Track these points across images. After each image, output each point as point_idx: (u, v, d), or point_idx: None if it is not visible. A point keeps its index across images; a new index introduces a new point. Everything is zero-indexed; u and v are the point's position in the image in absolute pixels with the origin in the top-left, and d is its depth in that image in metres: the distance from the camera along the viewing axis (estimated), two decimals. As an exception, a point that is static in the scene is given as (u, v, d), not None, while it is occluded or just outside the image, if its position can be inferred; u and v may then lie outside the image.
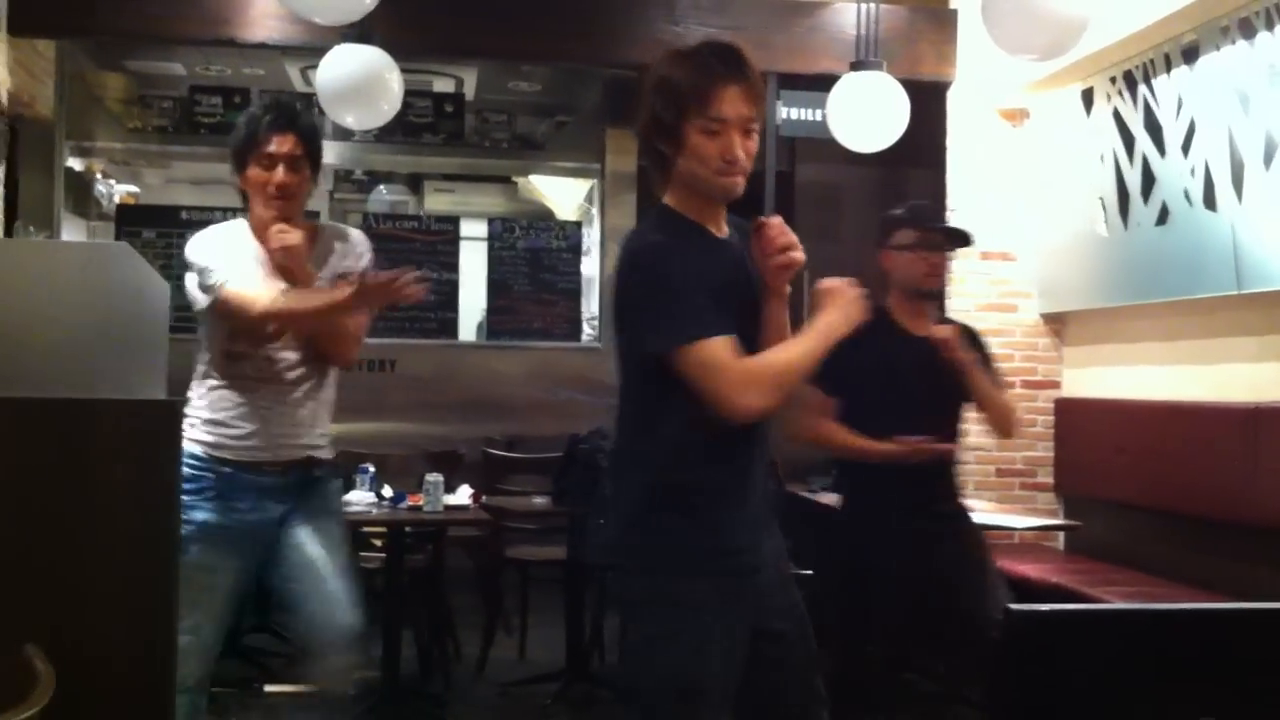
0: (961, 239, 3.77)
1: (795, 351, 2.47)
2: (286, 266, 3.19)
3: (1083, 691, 1.51)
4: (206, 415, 3.18)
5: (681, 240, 2.48)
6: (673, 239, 2.48)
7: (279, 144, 3.18)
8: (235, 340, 3.20)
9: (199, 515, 3.13)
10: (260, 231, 3.25)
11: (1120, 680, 1.51)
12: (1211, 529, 4.64)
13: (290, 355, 3.20)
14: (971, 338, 3.70)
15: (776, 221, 2.57)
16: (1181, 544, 4.87)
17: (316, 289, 3.21)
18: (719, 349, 2.36)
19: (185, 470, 3.04)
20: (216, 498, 3.15)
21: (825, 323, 2.49)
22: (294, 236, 3.17)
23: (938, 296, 3.80)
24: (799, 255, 2.56)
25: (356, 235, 3.46)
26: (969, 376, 3.60)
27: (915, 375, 3.59)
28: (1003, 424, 3.71)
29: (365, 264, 3.33)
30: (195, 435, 3.17)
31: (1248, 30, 4.60)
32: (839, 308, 2.53)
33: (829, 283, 2.56)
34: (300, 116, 3.27)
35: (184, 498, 2.97)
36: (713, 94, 2.42)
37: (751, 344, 2.46)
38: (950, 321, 3.75)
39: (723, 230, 2.57)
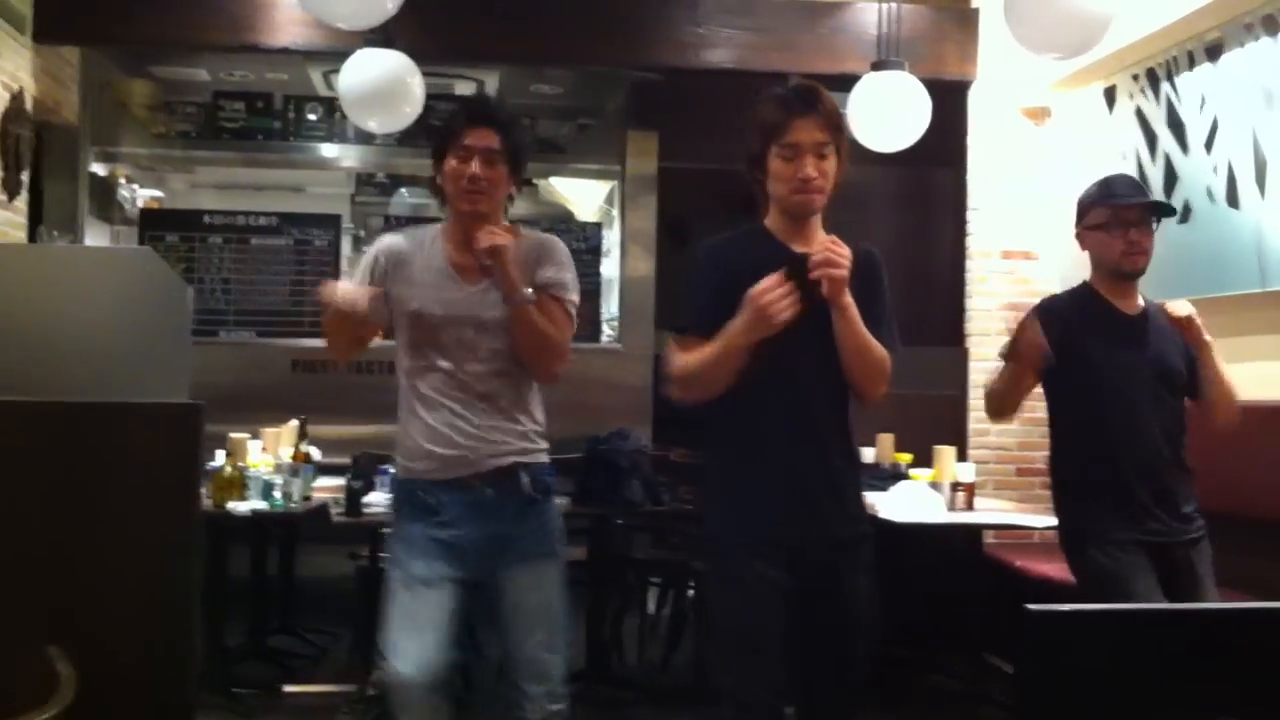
0: (1162, 210, 3.60)
1: (702, 355, 2.79)
2: (491, 269, 3.04)
3: (1105, 691, 1.51)
4: (403, 433, 3.16)
5: (738, 244, 2.96)
6: (726, 242, 2.98)
7: (476, 137, 3.09)
8: (416, 353, 3.12)
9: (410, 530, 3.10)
10: (454, 234, 3.16)
11: (1142, 680, 1.51)
12: (1236, 527, 4.60)
13: (479, 368, 3.06)
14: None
15: (816, 254, 2.78)
16: (1213, 544, 4.84)
17: (519, 295, 3.02)
18: (682, 341, 2.85)
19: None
20: (425, 512, 3.08)
21: (731, 331, 2.73)
22: (503, 238, 3.02)
23: (1137, 275, 3.60)
24: (833, 272, 2.76)
25: (557, 244, 3.24)
26: (1204, 356, 3.53)
27: (1136, 355, 3.53)
28: (1227, 409, 3.56)
29: (567, 276, 3.17)
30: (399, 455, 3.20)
31: (1271, 27, 4.57)
32: (745, 317, 2.71)
33: (759, 286, 2.71)
34: (500, 112, 3.23)
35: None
36: (788, 124, 2.83)
37: (809, 352, 2.80)
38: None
39: (810, 246, 2.84)
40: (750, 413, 2.84)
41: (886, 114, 5.51)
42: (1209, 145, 4.93)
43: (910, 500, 4.86)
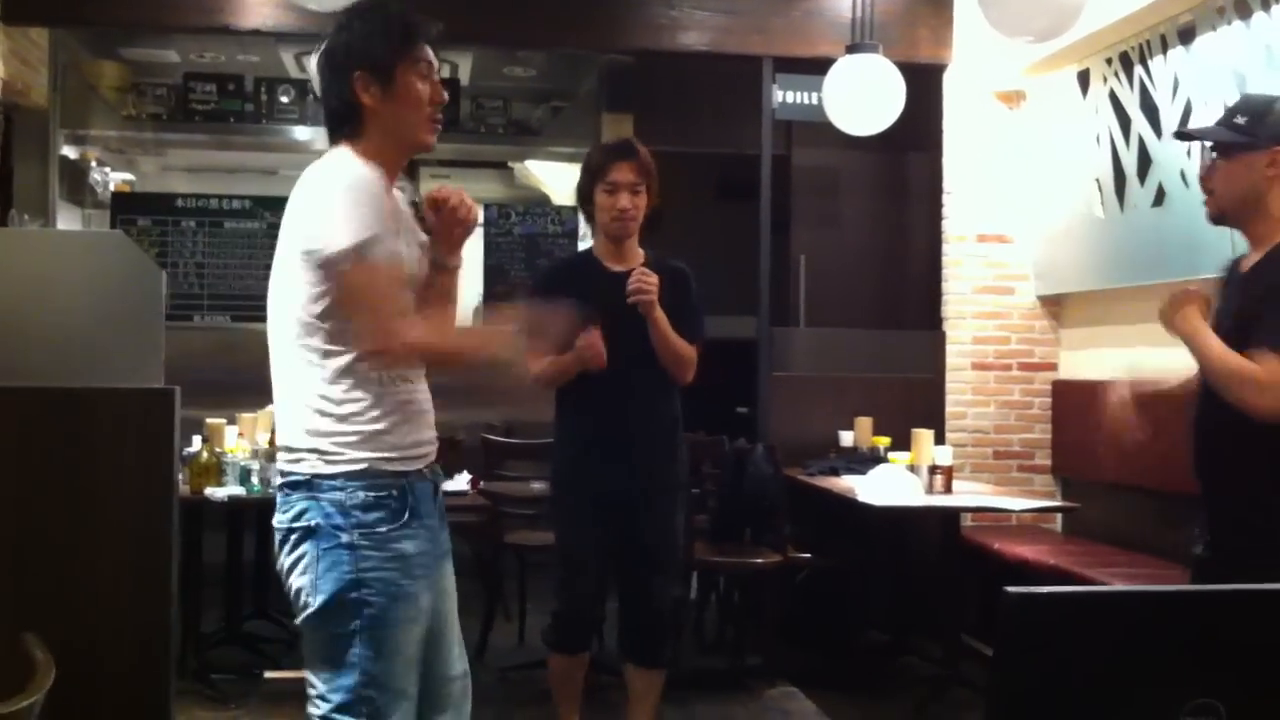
0: (1220, 143, 2.93)
1: (544, 367, 3.64)
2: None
3: (1081, 674, 1.51)
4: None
5: (568, 269, 4.23)
6: (558, 267, 4.51)
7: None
8: None
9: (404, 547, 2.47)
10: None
11: (1119, 662, 1.51)
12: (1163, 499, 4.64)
13: None
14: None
15: (630, 282, 3.75)
16: (1181, 525, 4.87)
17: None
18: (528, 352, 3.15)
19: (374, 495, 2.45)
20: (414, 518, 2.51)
21: (565, 360, 3.41)
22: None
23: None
24: (642, 296, 3.72)
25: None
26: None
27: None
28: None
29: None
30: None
31: (1244, 10, 4.59)
32: (576, 355, 3.38)
33: (587, 340, 3.65)
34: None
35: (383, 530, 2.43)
36: (609, 167, 3.80)
37: (631, 346, 3.70)
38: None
39: (626, 263, 3.85)
40: (587, 388, 3.78)
41: (861, 97, 5.52)
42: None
43: (888, 484, 4.88)
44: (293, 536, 2.44)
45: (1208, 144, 2.95)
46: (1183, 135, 3.35)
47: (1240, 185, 2.80)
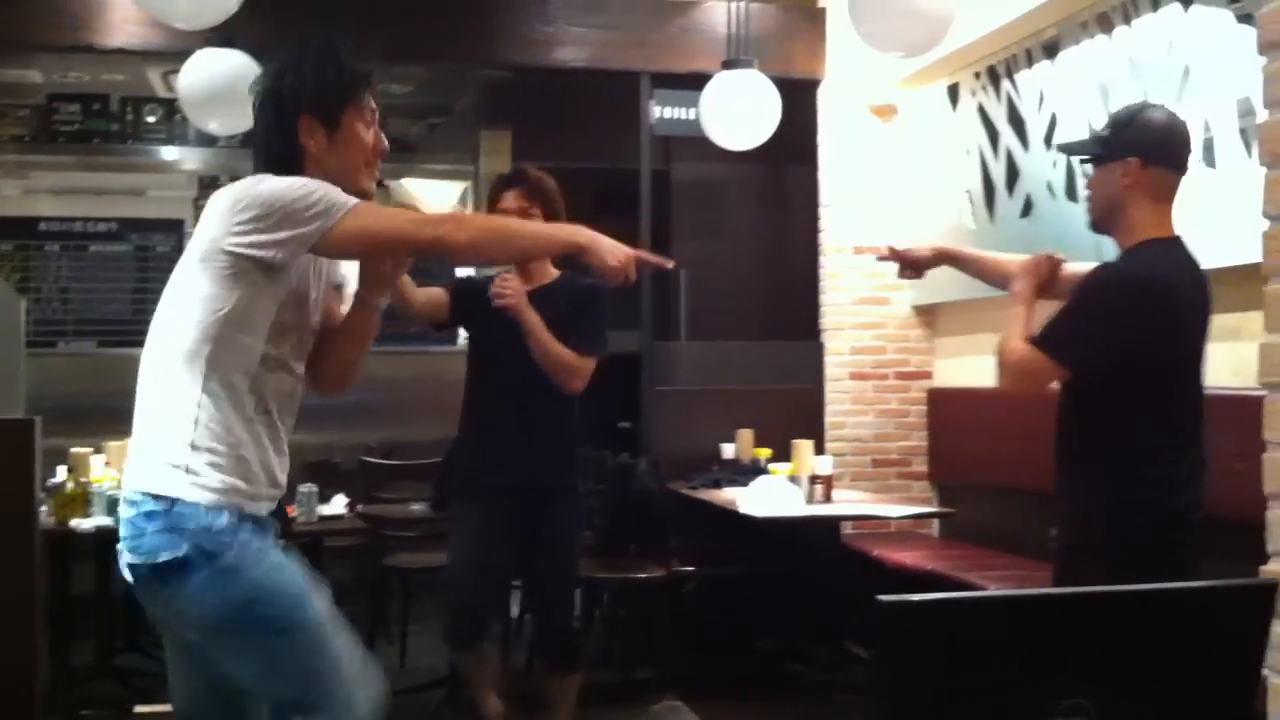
0: (1084, 154, 3.19)
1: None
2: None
3: (957, 678, 1.52)
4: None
5: (479, 282, 4.18)
6: (474, 280, 4.38)
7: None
8: None
9: None
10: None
11: (992, 666, 1.53)
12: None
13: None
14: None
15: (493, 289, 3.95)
16: (1052, 525, 4.97)
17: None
18: None
19: None
20: None
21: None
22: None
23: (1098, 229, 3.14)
24: (501, 301, 3.89)
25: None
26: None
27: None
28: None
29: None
30: None
31: (1106, 25, 4.71)
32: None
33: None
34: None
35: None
36: (500, 195, 4.03)
37: (515, 354, 3.89)
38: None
39: (534, 283, 4.03)
40: (477, 395, 4.10)
41: (737, 112, 5.56)
42: (1048, 140, 5.07)
43: (770, 495, 4.90)
44: None
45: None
46: (1063, 148, 3.46)
47: (1104, 194, 2.91)
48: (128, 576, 2.39)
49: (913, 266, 3.36)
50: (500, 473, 4.00)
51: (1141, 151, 2.82)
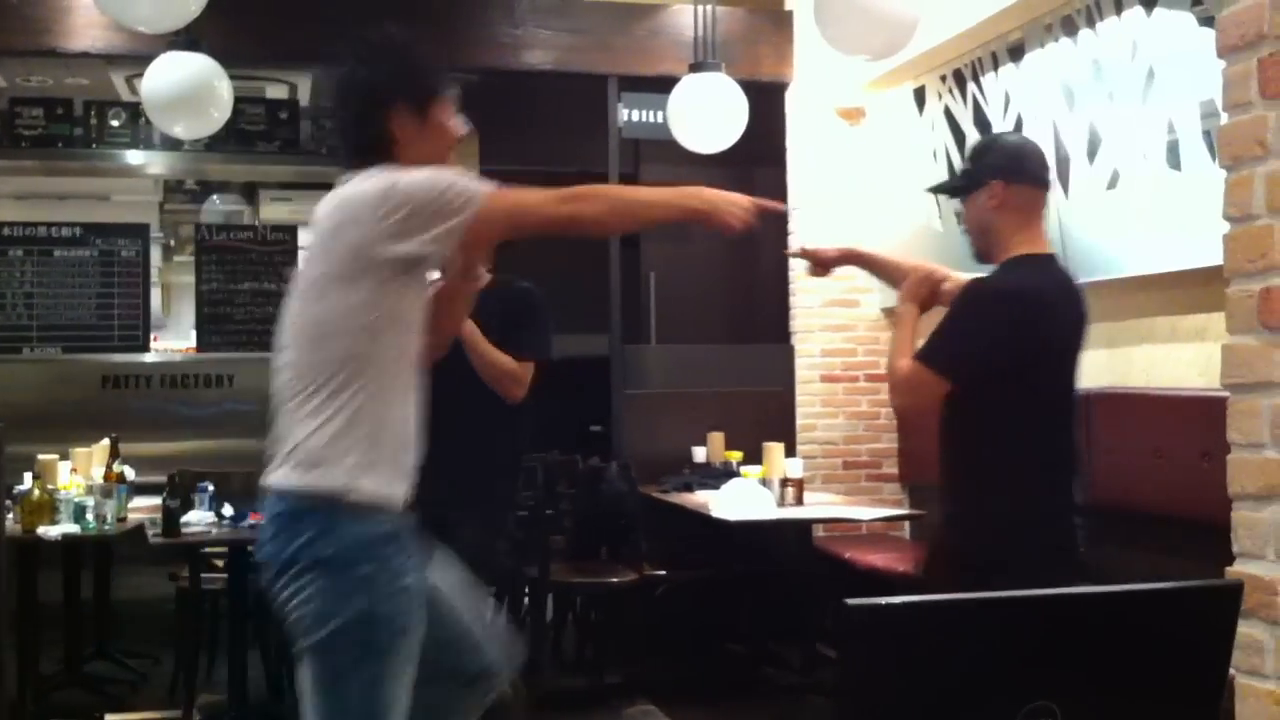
0: (949, 189, 3.36)
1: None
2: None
3: (923, 681, 1.53)
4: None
5: None
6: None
7: None
8: None
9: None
10: None
11: (958, 668, 1.53)
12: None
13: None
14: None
15: None
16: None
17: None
18: None
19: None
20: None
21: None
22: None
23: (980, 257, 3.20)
24: None
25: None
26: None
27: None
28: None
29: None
30: None
31: (1070, 28, 4.74)
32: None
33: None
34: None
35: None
36: None
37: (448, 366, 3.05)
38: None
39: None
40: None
41: (705, 115, 5.56)
42: (1014, 142, 5.10)
43: (741, 498, 4.91)
44: None
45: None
46: (932, 189, 3.56)
47: (976, 221, 3.01)
48: (262, 573, 2.45)
49: (821, 265, 3.39)
50: (440, 487, 3.78)
51: (1003, 174, 2.90)
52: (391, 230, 2.36)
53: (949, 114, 5.61)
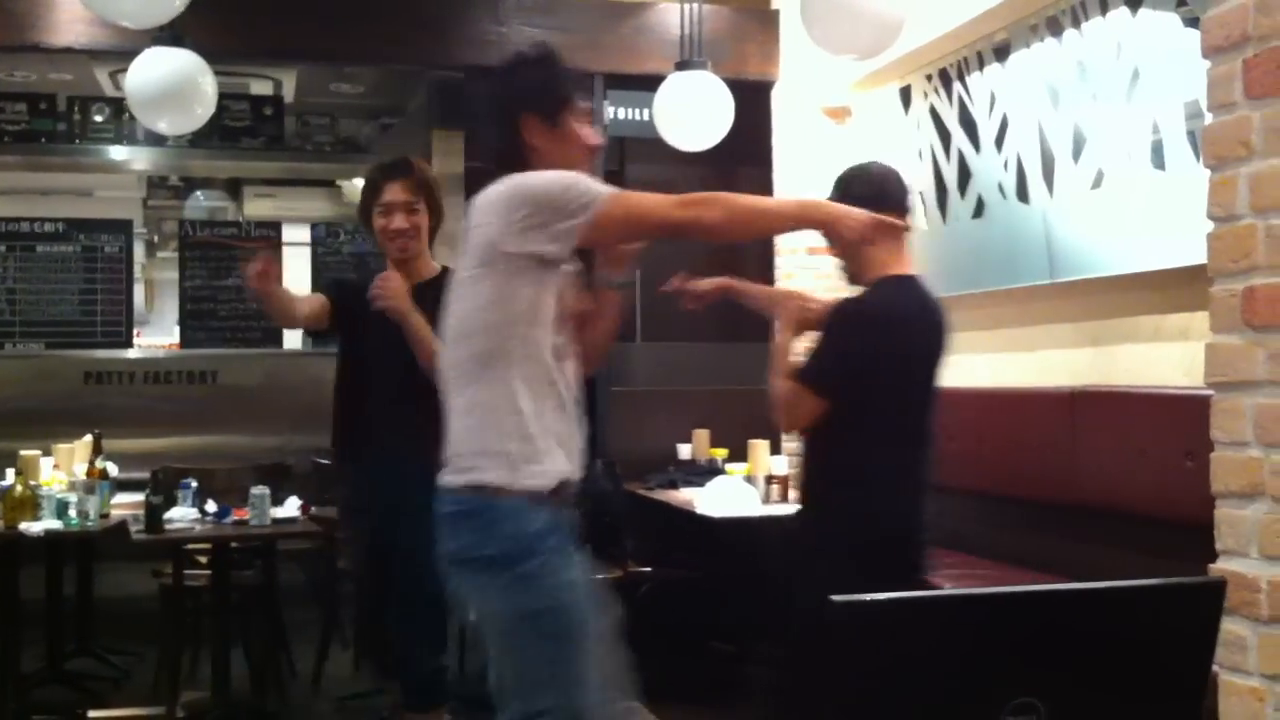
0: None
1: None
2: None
3: (907, 677, 1.53)
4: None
5: (356, 283, 4.02)
6: (352, 280, 4.40)
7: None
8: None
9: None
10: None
11: (942, 665, 1.53)
12: (1038, 511, 4.78)
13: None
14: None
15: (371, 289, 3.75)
16: (1010, 526, 5.02)
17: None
18: None
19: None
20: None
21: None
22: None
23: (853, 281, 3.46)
24: (380, 302, 3.68)
25: None
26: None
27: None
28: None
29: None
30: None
31: (1055, 28, 4.75)
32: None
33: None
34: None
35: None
36: (382, 187, 3.84)
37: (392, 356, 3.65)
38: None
39: (418, 279, 3.82)
40: (355, 406, 3.85)
41: (691, 113, 5.56)
42: (999, 143, 5.11)
43: (726, 495, 4.91)
44: None
45: None
46: None
47: (848, 248, 3.18)
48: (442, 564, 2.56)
49: (695, 299, 3.60)
50: (386, 489, 3.73)
51: (871, 203, 3.00)
52: (515, 229, 2.49)
53: (935, 113, 5.62)
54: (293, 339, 7.03)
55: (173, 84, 4.96)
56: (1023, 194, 4.93)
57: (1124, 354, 4.51)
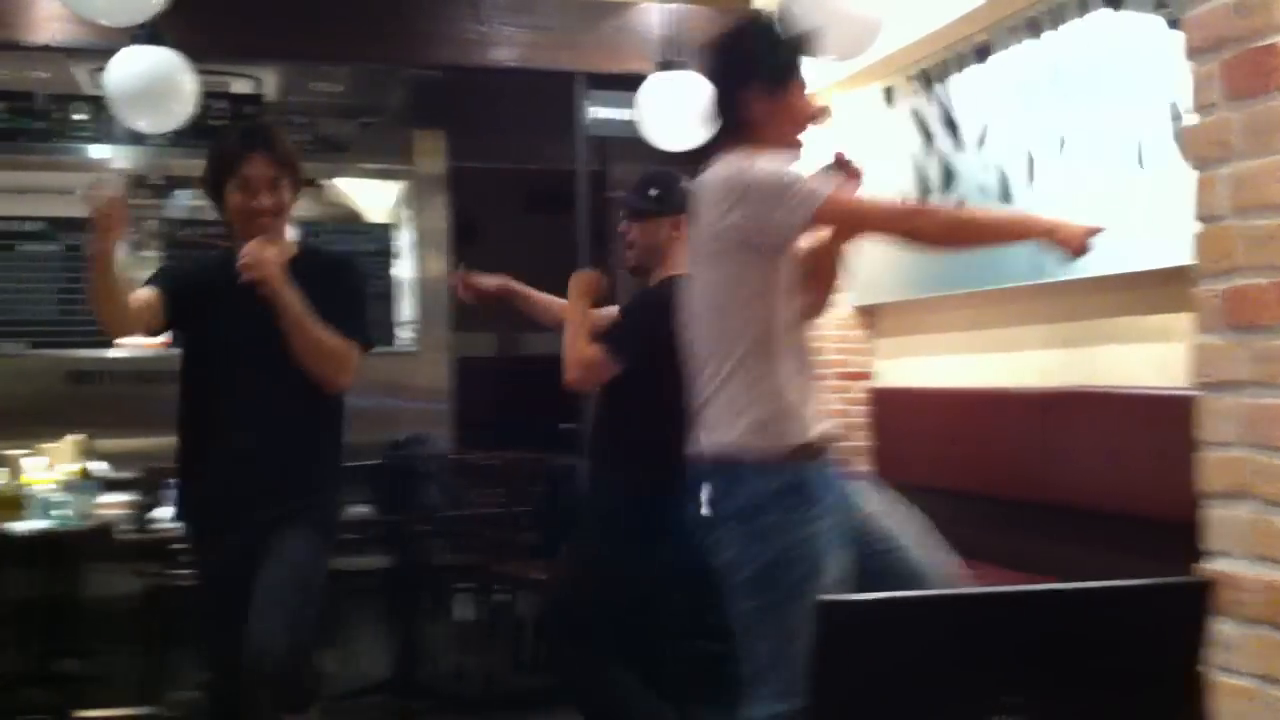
0: (639, 210, 3.79)
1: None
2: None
3: (896, 677, 1.54)
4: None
5: (198, 263, 3.63)
6: (190, 260, 3.76)
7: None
8: None
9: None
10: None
11: (930, 665, 1.55)
12: (1017, 510, 4.81)
13: None
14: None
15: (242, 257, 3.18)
16: (991, 526, 5.04)
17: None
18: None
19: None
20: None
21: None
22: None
23: (637, 271, 3.83)
24: (253, 274, 3.12)
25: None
26: None
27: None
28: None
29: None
30: None
31: (1034, 29, 4.78)
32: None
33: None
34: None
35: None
36: (241, 160, 3.23)
37: (257, 346, 3.16)
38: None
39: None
40: (204, 405, 3.27)
41: (673, 113, 5.57)
42: (981, 143, 5.14)
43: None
44: None
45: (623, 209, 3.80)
46: (628, 208, 3.87)
47: (651, 243, 3.71)
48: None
49: (477, 293, 4.00)
50: (249, 498, 3.20)
51: (683, 210, 3.31)
52: (734, 217, 2.65)
53: (917, 115, 5.64)
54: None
55: (152, 82, 4.96)
56: (1005, 195, 4.96)
57: (1102, 355, 4.54)
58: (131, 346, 6.93)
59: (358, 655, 5.46)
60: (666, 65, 5.62)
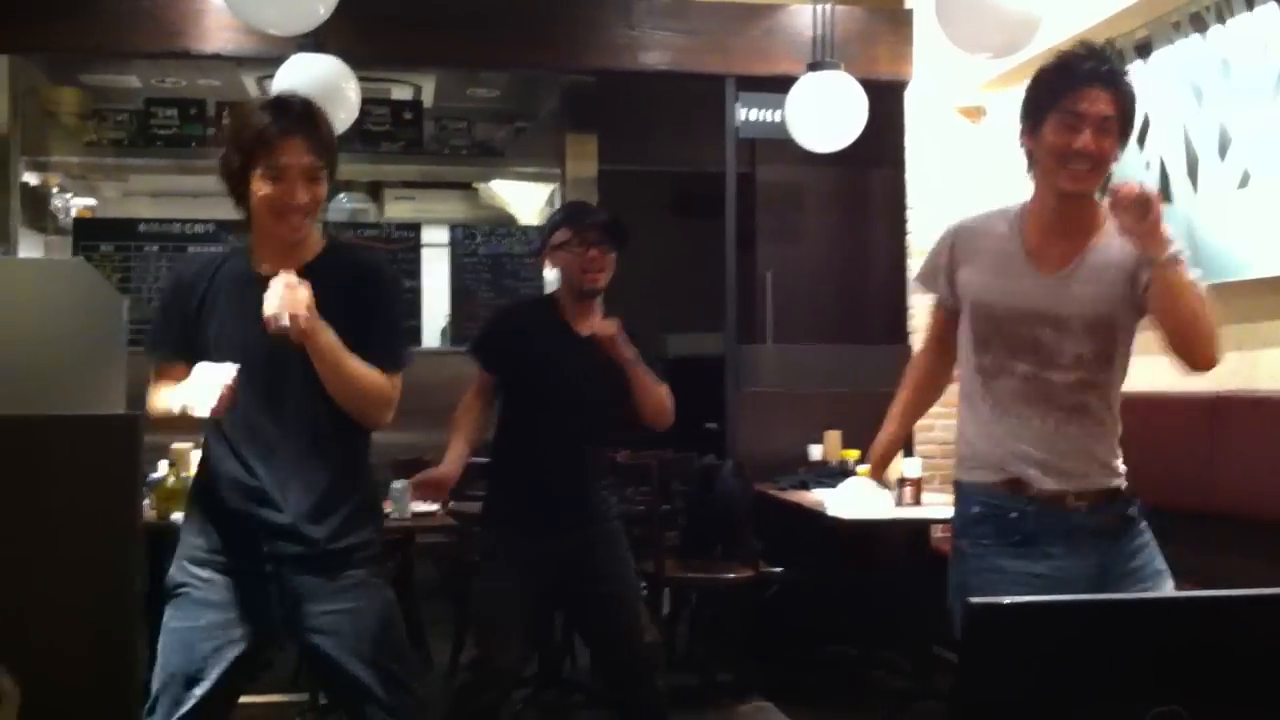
0: (616, 235, 3.77)
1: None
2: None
3: (1045, 683, 1.52)
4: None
5: (205, 266, 2.84)
6: (192, 267, 2.91)
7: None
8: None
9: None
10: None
11: (1082, 670, 1.52)
12: (1174, 518, 4.67)
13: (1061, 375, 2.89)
14: (632, 334, 3.74)
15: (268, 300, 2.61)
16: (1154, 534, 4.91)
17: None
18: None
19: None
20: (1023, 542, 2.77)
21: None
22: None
23: (595, 294, 3.78)
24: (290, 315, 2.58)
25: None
26: (629, 371, 3.69)
27: (576, 371, 3.72)
28: (658, 416, 3.81)
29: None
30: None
31: (1199, 24, 4.65)
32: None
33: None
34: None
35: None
36: (276, 145, 2.63)
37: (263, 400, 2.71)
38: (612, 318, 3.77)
39: (298, 257, 2.73)
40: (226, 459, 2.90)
41: (823, 114, 5.55)
42: (1141, 141, 5.01)
43: (858, 497, 4.88)
44: None
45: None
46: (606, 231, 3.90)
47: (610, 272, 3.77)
48: None
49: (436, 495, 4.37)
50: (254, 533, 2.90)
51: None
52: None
53: (1072, 112, 5.52)
54: (430, 336, 7.16)
55: (317, 89, 5.08)
56: (1166, 194, 4.82)
57: (1268, 358, 4.39)
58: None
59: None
60: (816, 66, 5.59)
